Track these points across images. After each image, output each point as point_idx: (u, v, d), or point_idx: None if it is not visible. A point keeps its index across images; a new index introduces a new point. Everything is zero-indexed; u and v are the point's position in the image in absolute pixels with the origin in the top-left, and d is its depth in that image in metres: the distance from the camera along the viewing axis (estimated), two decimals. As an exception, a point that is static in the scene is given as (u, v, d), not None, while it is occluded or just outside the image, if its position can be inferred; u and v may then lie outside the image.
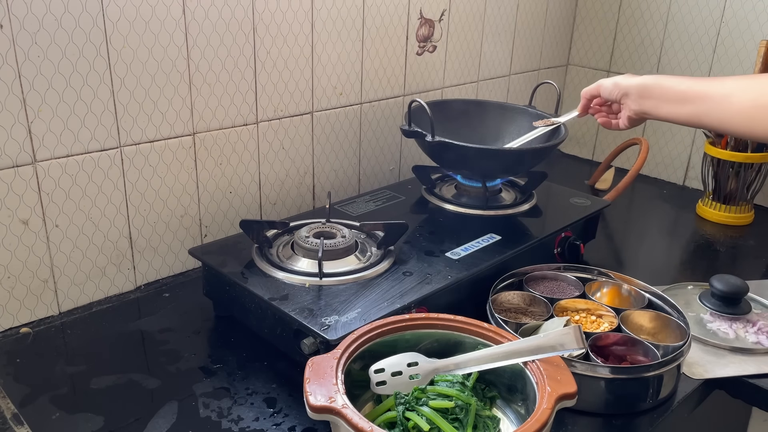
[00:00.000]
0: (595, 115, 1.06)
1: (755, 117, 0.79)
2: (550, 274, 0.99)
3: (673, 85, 0.89)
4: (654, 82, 0.92)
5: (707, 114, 0.84)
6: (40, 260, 0.91)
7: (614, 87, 0.97)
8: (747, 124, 0.80)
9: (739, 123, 0.81)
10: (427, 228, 1.05)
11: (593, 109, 1.06)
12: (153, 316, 0.96)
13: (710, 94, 0.84)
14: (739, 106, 0.80)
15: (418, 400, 0.69)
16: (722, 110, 0.82)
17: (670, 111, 0.89)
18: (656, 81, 0.92)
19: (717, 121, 0.84)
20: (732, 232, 1.33)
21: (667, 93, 0.90)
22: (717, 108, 0.83)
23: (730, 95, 0.82)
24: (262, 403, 0.79)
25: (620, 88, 0.96)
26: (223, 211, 1.10)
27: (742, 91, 0.81)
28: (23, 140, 0.85)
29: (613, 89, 0.97)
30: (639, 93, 0.93)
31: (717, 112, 0.83)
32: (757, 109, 0.79)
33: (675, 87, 0.89)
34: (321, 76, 1.16)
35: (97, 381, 0.82)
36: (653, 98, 0.91)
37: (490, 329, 0.76)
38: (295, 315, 0.80)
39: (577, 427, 0.78)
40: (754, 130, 0.80)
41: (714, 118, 0.84)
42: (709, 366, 0.89)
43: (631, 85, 0.94)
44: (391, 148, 1.34)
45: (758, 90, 0.79)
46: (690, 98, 0.86)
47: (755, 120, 0.79)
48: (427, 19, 1.30)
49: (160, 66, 0.95)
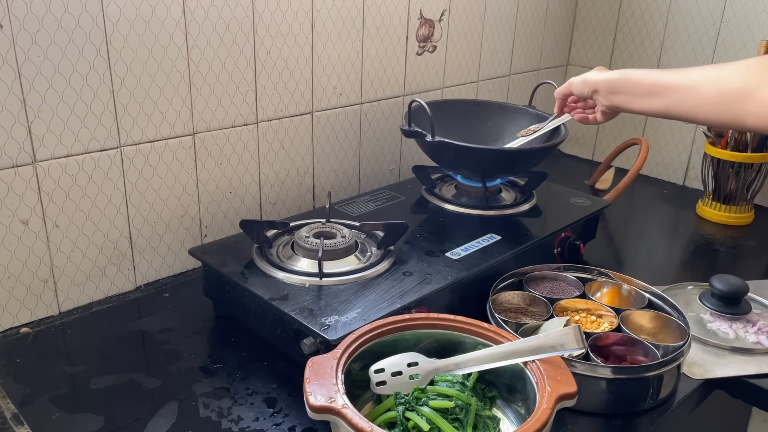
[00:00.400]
0: (571, 113, 1.07)
1: (723, 104, 0.79)
2: (550, 274, 0.99)
3: (640, 78, 0.89)
4: (621, 77, 0.91)
5: (676, 106, 0.84)
6: (40, 260, 0.91)
7: (584, 84, 0.97)
8: (716, 112, 0.80)
9: (708, 112, 0.81)
10: (427, 228, 1.05)
11: (569, 107, 1.07)
12: (153, 316, 0.96)
13: (677, 85, 0.84)
14: (707, 96, 0.80)
15: (418, 400, 0.69)
16: (690, 101, 0.82)
17: (640, 105, 0.89)
18: (623, 76, 0.91)
19: (686, 111, 0.84)
20: (732, 232, 1.33)
21: (635, 87, 0.89)
22: (685, 99, 0.83)
23: (697, 86, 0.82)
24: (262, 403, 0.79)
25: (589, 84, 0.96)
26: (223, 211, 1.10)
27: (709, 81, 0.81)
28: (23, 140, 0.85)
29: (583, 87, 0.97)
30: (608, 89, 0.93)
31: (686, 103, 0.83)
32: (723, 97, 0.79)
33: (642, 81, 0.88)
34: (321, 76, 1.16)
35: (97, 381, 0.82)
36: (622, 93, 0.91)
37: (490, 329, 0.76)
38: (295, 315, 0.80)
39: (577, 427, 0.78)
40: (723, 118, 0.80)
41: (683, 109, 0.84)
42: (709, 366, 0.89)
43: (599, 80, 0.94)
44: (391, 148, 1.34)
45: (724, 78, 0.79)
46: (658, 91, 0.86)
47: (723, 108, 0.79)
48: (427, 19, 1.30)
49: (160, 66, 0.95)
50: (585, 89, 0.97)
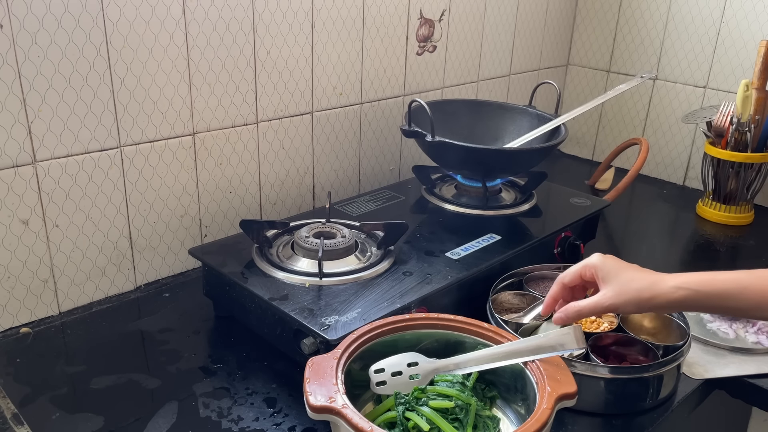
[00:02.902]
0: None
1: None
2: (550, 274, 0.99)
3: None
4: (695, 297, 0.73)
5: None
6: (40, 260, 0.91)
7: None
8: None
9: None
10: (427, 228, 1.05)
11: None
12: (153, 316, 0.96)
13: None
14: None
15: (418, 400, 0.69)
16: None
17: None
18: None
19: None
20: (732, 232, 1.33)
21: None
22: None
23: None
24: (262, 403, 0.79)
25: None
26: (223, 211, 1.10)
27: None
28: (23, 140, 0.85)
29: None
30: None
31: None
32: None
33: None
34: (321, 76, 1.16)
35: (97, 381, 0.82)
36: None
37: (490, 329, 0.76)
38: (295, 315, 0.80)
39: (577, 427, 0.78)
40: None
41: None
42: (709, 366, 0.89)
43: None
44: (391, 148, 1.34)
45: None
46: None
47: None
48: (427, 19, 1.30)
49: (160, 66, 0.95)
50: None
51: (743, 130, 1.28)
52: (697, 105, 1.48)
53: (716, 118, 1.33)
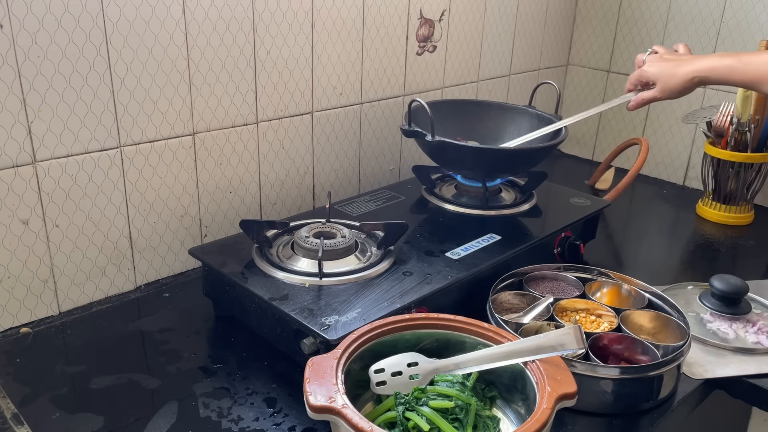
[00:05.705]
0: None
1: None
2: (550, 274, 0.99)
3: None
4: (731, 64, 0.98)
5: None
6: (40, 260, 0.91)
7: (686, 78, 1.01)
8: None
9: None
10: (427, 228, 1.05)
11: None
12: (153, 316, 0.96)
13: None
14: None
15: (418, 400, 0.69)
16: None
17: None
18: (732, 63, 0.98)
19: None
20: (732, 232, 1.33)
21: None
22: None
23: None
24: (262, 403, 0.79)
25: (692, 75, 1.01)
26: (223, 211, 1.10)
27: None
28: (23, 140, 0.85)
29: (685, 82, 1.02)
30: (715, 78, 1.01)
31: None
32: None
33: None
34: (321, 76, 1.16)
35: (97, 381, 0.82)
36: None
37: (490, 329, 0.76)
38: (295, 315, 0.80)
39: (577, 427, 0.78)
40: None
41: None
42: (709, 366, 0.89)
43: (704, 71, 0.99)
44: (391, 148, 1.34)
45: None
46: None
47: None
48: (427, 19, 1.30)
49: (160, 66, 0.95)
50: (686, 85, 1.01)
51: (743, 130, 1.28)
52: (697, 105, 1.48)
53: (716, 118, 1.33)
